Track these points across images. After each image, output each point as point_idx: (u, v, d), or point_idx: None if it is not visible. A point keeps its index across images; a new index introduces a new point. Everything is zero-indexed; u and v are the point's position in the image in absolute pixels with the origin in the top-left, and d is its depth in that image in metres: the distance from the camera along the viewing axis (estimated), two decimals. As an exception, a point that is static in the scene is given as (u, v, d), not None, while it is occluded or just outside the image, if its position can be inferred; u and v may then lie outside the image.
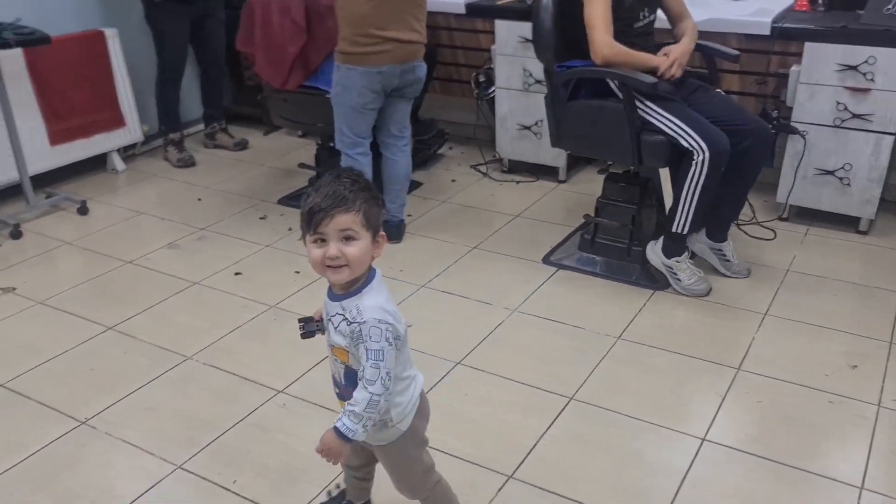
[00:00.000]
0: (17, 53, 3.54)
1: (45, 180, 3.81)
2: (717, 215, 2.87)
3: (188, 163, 4.28)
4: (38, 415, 2.31)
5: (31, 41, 3.37)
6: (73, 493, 2.01)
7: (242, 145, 4.50)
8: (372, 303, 1.42)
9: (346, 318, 1.42)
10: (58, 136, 3.82)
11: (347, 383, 1.49)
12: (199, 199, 3.84)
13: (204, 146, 4.55)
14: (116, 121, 4.09)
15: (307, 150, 4.30)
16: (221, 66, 4.42)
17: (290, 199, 3.77)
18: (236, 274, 3.10)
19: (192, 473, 2.06)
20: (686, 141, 2.60)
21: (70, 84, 3.84)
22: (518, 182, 3.92)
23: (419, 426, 1.60)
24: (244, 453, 2.13)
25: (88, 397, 2.36)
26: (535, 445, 2.12)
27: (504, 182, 3.94)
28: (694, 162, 2.61)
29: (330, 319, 1.47)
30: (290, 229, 3.46)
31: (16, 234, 3.42)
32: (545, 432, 2.17)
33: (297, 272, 3.09)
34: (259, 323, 2.76)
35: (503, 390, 2.37)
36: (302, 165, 3.88)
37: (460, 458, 2.07)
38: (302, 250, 3.22)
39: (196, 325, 2.75)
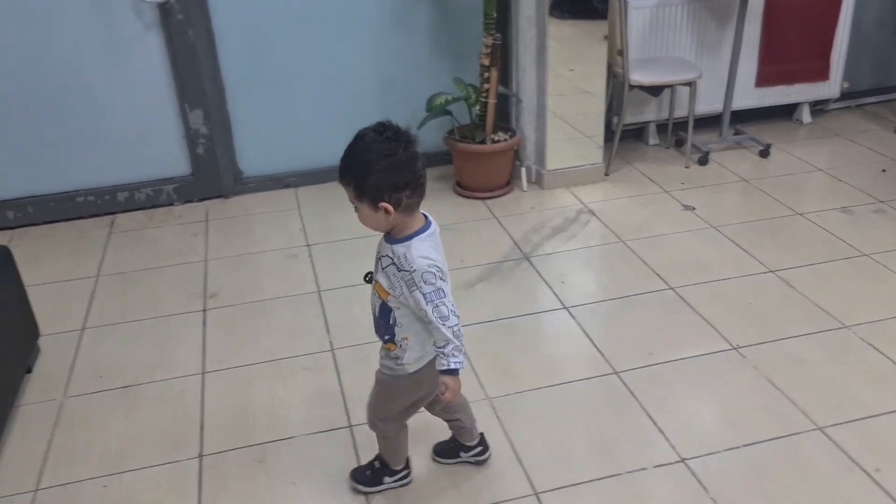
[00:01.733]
0: (763, -5, 3.69)
1: (736, 117, 3.99)
2: None
3: None
4: (695, 324, 2.52)
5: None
6: (720, 408, 2.17)
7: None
8: (418, 253, 1.52)
9: (395, 264, 1.54)
10: (765, 78, 3.94)
11: (381, 315, 1.63)
12: (884, 171, 3.57)
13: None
14: (820, 73, 4.02)
15: None
16: None
17: None
18: (915, 259, 2.84)
19: (832, 441, 2.01)
20: None
21: (795, 31, 3.86)
22: None
23: (423, 381, 1.68)
24: (892, 445, 1.99)
25: (742, 327, 2.49)
26: None
27: None
28: None
29: (380, 259, 1.60)
30: None
31: (703, 160, 3.72)
32: None
33: None
34: (934, 319, 2.50)
35: None
36: None
37: None
38: None
39: (859, 297, 2.62)
